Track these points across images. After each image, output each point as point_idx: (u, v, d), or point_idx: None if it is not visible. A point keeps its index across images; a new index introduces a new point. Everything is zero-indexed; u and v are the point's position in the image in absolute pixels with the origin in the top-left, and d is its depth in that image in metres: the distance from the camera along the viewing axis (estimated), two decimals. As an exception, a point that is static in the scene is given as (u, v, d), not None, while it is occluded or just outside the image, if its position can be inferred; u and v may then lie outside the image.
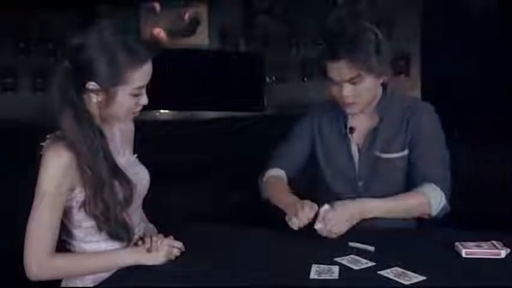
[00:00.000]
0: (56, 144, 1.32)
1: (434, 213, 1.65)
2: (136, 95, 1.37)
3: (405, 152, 1.71)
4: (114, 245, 1.41)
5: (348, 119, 1.77)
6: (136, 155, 1.53)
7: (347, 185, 1.77)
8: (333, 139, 1.81)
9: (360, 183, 1.76)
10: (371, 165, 1.74)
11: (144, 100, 1.39)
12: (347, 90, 1.63)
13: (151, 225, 1.63)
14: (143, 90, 1.38)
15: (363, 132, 1.76)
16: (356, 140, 1.77)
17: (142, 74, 1.35)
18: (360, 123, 1.76)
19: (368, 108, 1.73)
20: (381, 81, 1.70)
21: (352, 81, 1.62)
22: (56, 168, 1.30)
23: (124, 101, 1.35)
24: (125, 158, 1.47)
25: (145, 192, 1.51)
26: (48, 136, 1.35)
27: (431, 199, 1.63)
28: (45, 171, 1.30)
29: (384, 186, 1.71)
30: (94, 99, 1.34)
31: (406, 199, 1.64)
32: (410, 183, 1.70)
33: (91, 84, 1.32)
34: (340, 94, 1.66)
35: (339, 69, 1.61)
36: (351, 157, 1.77)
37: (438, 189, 1.64)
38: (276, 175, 1.81)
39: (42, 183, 1.30)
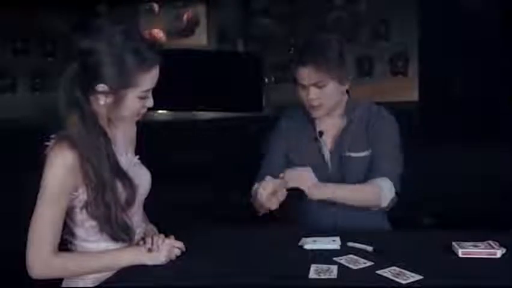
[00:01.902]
0: (61, 144, 1.33)
1: (384, 204, 1.77)
2: (143, 98, 1.40)
3: (370, 150, 1.85)
4: (116, 244, 1.42)
5: (316, 124, 1.90)
6: (138, 156, 1.55)
7: None
8: (304, 144, 1.92)
9: (332, 182, 1.85)
10: (343, 164, 1.85)
11: (150, 102, 1.42)
12: (313, 93, 1.80)
13: (152, 226, 1.64)
14: (150, 93, 1.41)
15: (332, 135, 1.90)
16: (326, 142, 1.89)
17: (150, 77, 1.38)
18: (329, 127, 1.90)
19: (335, 112, 1.88)
20: (345, 87, 1.86)
21: (317, 85, 1.79)
22: (61, 167, 1.32)
23: (132, 103, 1.38)
24: (128, 159, 1.49)
25: (146, 193, 1.52)
26: (53, 136, 1.37)
27: (384, 190, 1.76)
28: (49, 170, 1.32)
29: (354, 182, 1.82)
30: (102, 101, 1.36)
31: (362, 188, 1.78)
32: (365, 177, 1.83)
33: (101, 87, 1.34)
34: (307, 97, 1.82)
35: (306, 74, 1.78)
36: (323, 158, 1.88)
37: (389, 181, 1.77)
38: None
39: (47, 182, 1.32)
